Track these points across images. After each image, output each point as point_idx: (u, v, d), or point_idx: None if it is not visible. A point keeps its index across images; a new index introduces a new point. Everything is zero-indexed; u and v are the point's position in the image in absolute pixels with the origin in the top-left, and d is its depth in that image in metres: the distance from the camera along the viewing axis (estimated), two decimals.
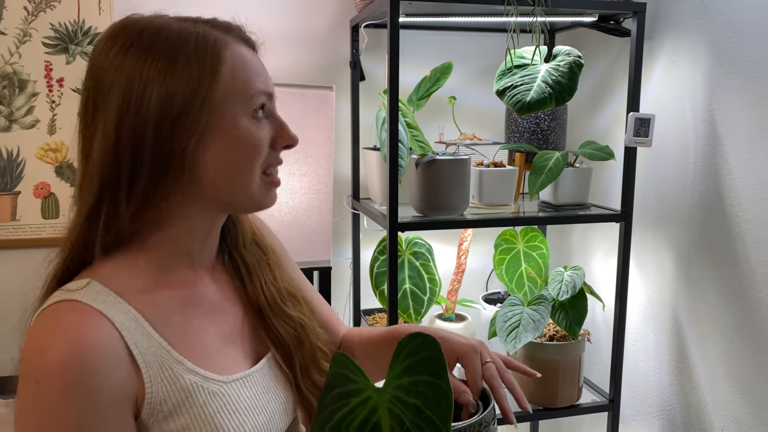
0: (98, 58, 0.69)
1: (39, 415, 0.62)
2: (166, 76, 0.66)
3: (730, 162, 1.40)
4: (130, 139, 0.66)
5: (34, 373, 0.63)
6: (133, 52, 0.67)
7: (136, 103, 0.66)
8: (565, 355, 1.59)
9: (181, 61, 0.67)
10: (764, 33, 1.30)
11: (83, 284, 0.68)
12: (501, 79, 1.55)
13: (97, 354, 0.63)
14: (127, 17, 0.71)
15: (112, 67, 0.67)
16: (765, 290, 1.32)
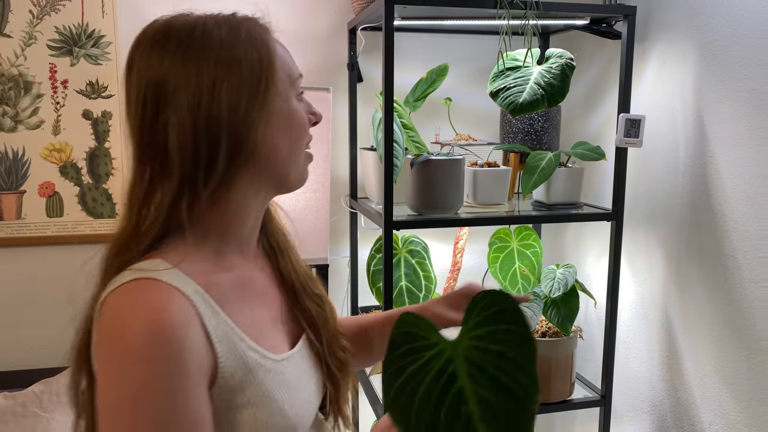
0: (150, 62, 0.71)
1: (129, 390, 0.63)
2: (231, 71, 0.72)
3: (718, 162, 1.43)
4: (205, 133, 0.70)
5: (119, 350, 0.64)
6: (193, 53, 0.71)
7: (207, 99, 0.70)
8: (557, 351, 1.63)
9: (240, 55, 0.73)
10: (750, 35, 1.33)
11: (156, 264, 0.70)
12: (494, 81, 1.59)
13: (180, 329, 0.65)
14: (163, 22, 0.75)
15: (173, 69, 0.70)
16: (750, 287, 1.35)
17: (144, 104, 0.71)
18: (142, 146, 0.72)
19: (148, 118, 0.71)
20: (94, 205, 1.77)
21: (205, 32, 0.72)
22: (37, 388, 1.54)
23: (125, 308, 0.66)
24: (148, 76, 0.71)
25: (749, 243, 1.35)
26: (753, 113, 1.33)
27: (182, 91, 0.70)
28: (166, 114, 0.70)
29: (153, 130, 0.71)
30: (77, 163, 1.74)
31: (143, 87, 0.71)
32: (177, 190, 0.71)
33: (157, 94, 0.70)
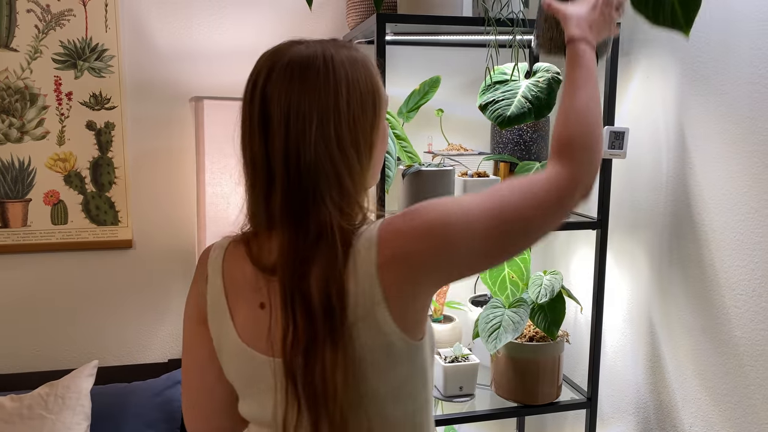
0: (306, 86, 0.80)
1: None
2: (373, 88, 0.85)
3: (698, 174, 1.49)
4: (354, 140, 0.83)
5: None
6: (342, 76, 0.82)
7: (357, 112, 0.83)
8: (544, 355, 1.68)
9: (372, 76, 0.86)
10: (728, 53, 1.39)
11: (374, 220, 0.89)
12: (484, 94, 1.64)
13: None
14: (301, 56, 0.83)
15: (332, 90, 0.81)
16: (727, 294, 1.41)
17: (286, 126, 0.80)
18: (286, 171, 0.81)
19: (294, 138, 0.80)
20: (98, 213, 1.83)
21: (342, 61, 0.83)
22: (43, 391, 1.60)
23: (417, 213, 0.84)
24: (289, 103, 0.80)
25: (726, 252, 1.41)
26: (730, 128, 1.39)
27: (325, 115, 0.80)
28: (311, 135, 0.80)
29: (298, 149, 0.80)
30: (81, 172, 1.80)
31: (284, 113, 0.80)
32: (332, 205, 0.83)
33: (300, 118, 0.80)
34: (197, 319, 0.91)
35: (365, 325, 0.80)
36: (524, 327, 1.63)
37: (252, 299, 0.85)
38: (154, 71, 1.83)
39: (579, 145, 0.90)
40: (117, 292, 1.89)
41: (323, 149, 0.80)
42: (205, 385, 0.92)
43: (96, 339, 1.89)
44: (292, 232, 0.80)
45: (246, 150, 0.84)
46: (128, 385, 1.74)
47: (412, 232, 0.79)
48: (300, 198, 0.80)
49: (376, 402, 0.83)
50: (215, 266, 0.89)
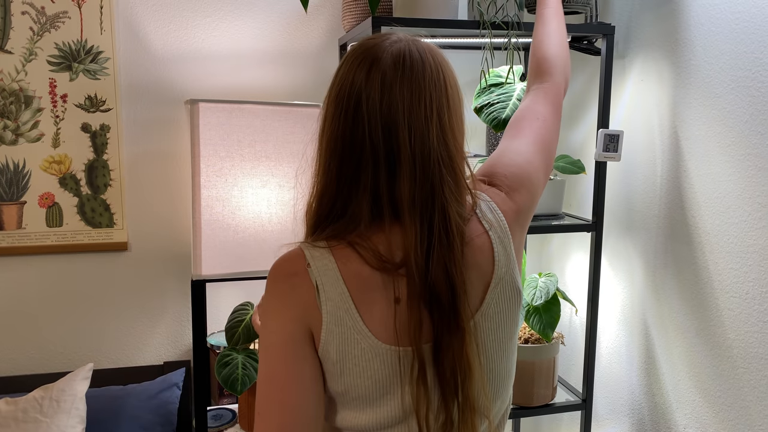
0: (424, 82, 0.85)
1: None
2: (456, 79, 0.91)
3: (692, 177, 1.49)
4: (460, 130, 0.90)
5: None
6: (448, 71, 0.89)
7: (457, 103, 0.89)
8: (539, 357, 1.69)
9: (452, 67, 0.92)
10: (721, 56, 1.39)
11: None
12: (479, 97, 1.65)
13: None
14: (411, 51, 0.86)
15: (443, 84, 0.86)
16: (722, 297, 1.42)
17: (411, 122, 0.84)
18: (412, 150, 0.84)
19: (419, 130, 0.84)
20: (93, 215, 1.82)
21: (439, 65, 0.88)
22: (38, 394, 1.60)
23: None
24: (409, 105, 0.84)
25: (720, 254, 1.42)
26: (723, 131, 1.39)
27: (440, 111, 0.85)
28: (431, 127, 0.84)
29: (425, 137, 0.84)
30: (76, 174, 1.80)
31: (406, 113, 0.84)
32: (450, 191, 0.87)
33: (421, 114, 0.84)
34: (300, 336, 0.83)
35: (505, 283, 0.88)
36: (520, 329, 1.63)
37: (384, 297, 0.82)
38: (150, 73, 1.83)
39: (558, 58, 1.15)
40: (112, 294, 1.88)
41: (442, 140, 0.84)
42: (312, 413, 0.83)
43: (92, 342, 1.89)
44: (419, 224, 0.81)
45: (354, 144, 0.83)
46: (124, 388, 1.74)
47: (511, 192, 0.93)
48: (426, 188, 0.82)
49: (505, 364, 0.91)
50: (328, 273, 0.82)
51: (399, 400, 0.83)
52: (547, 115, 1.06)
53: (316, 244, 0.84)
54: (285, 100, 1.80)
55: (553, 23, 1.22)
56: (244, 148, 1.54)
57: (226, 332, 1.65)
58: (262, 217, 1.58)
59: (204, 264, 1.53)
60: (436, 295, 0.81)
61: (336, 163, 0.83)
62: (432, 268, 0.80)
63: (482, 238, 0.88)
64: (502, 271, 0.88)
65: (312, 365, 0.83)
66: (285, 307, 0.84)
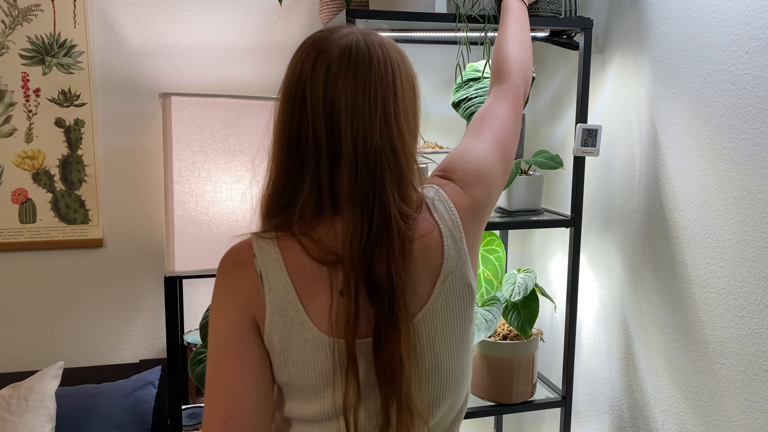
0: (369, 74, 0.83)
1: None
2: (413, 72, 0.90)
3: (670, 172, 1.48)
4: (408, 124, 0.89)
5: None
6: (396, 63, 0.86)
7: (409, 96, 0.88)
8: (518, 353, 1.67)
9: (409, 61, 0.91)
10: (698, 50, 1.38)
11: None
12: (457, 92, 1.64)
13: None
14: (358, 43, 0.84)
15: (391, 77, 0.85)
16: (698, 293, 1.41)
17: (354, 114, 0.83)
18: (355, 153, 0.83)
19: (361, 124, 0.83)
20: (67, 212, 1.80)
21: (389, 56, 0.86)
22: (6, 393, 1.58)
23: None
24: (354, 94, 0.82)
25: (697, 249, 1.41)
26: (700, 125, 1.38)
27: (387, 100, 0.83)
28: (375, 119, 0.83)
29: (366, 132, 0.83)
30: (50, 170, 1.77)
31: (350, 103, 0.83)
32: (390, 184, 0.86)
33: (365, 106, 0.83)
34: (245, 325, 0.83)
35: (455, 278, 0.87)
36: (497, 325, 1.62)
37: (328, 288, 0.82)
38: (125, 67, 1.80)
39: (516, 60, 1.17)
40: (88, 292, 1.86)
41: (386, 134, 0.82)
42: (257, 403, 0.83)
43: (66, 340, 1.86)
44: (358, 217, 0.81)
45: (300, 136, 0.83)
46: (97, 386, 1.71)
47: (467, 186, 0.93)
48: (366, 182, 0.81)
49: (456, 363, 0.89)
50: (272, 263, 0.83)
51: (340, 394, 0.82)
52: (506, 114, 1.07)
53: (264, 235, 0.85)
54: (263, 95, 1.78)
55: (513, 27, 1.25)
56: (218, 142, 1.52)
57: (200, 329, 1.62)
58: (236, 213, 1.56)
59: (177, 260, 1.51)
60: (377, 289, 0.80)
61: (284, 155, 0.84)
62: (372, 263, 0.80)
63: (433, 232, 0.87)
64: (451, 266, 0.87)
65: (258, 355, 0.83)
66: (231, 296, 0.84)
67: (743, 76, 1.27)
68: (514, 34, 1.23)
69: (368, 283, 0.80)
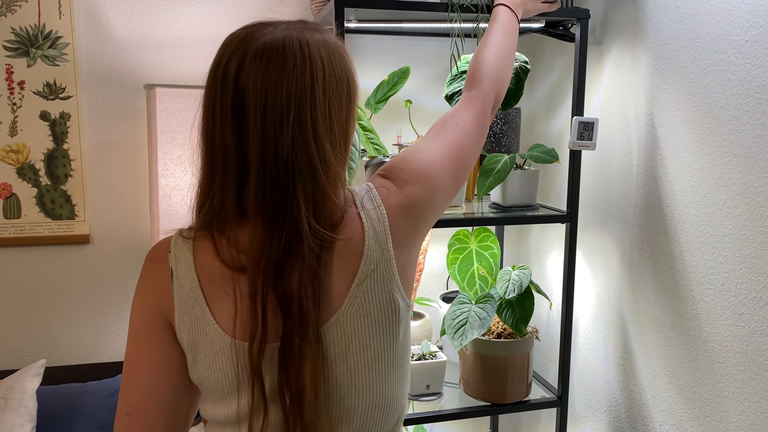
0: (283, 74, 0.77)
1: None
2: (347, 74, 0.84)
3: (668, 165, 1.44)
4: (329, 132, 0.81)
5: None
6: (318, 63, 0.79)
7: (333, 101, 0.80)
8: (512, 352, 1.63)
9: (346, 62, 0.84)
10: (696, 39, 1.34)
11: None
12: (450, 84, 1.59)
13: None
14: (275, 40, 0.78)
15: (309, 78, 0.78)
16: (697, 290, 1.37)
17: (263, 112, 0.77)
18: (261, 161, 0.78)
19: (271, 124, 0.77)
20: (53, 207, 1.76)
21: (308, 52, 0.79)
22: None
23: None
24: (266, 90, 0.77)
25: (696, 246, 1.37)
26: (699, 117, 1.35)
27: (306, 98, 0.77)
28: (289, 120, 0.77)
29: (276, 137, 0.77)
30: (35, 164, 1.74)
31: (261, 101, 0.76)
32: (305, 198, 0.80)
33: (278, 104, 0.77)
34: (156, 322, 0.82)
35: (374, 280, 0.81)
36: (491, 323, 1.58)
37: (237, 292, 0.80)
38: (112, 59, 1.77)
39: (492, 69, 1.13)
40: (74, 288, 1.82)
41: (300, 141, 0.77)
42: (161, 399, 0.82)
43: (53, 338, 1.82)
44: (266, 229, 0.77)
45: (214, 140, 0.78)
46: (82, 385, 1.67)
47: (404, 185, 0.87)
48: (275, 193, 0.77)
49: (375, 378, 0.84)
50: (183, 261, 0.81)
51: (246, 399, 0.80)
52: (467, 122, 1.02)
53: (184, 233, 0.83)
54: None
55: (496, 36, 1.20)
56: None
57: None
58: None
59: None
60: (286, 300, 0.77)
61: (203, 157, 0.81)
62: (282, 274, 0.77)
63: (356, 232, 0.82)
64: (370, 267, 0.82)
65: (169, 353, 0.82)
66: (146, 291, 0.84)
67: (743, 66, 1.23)
68: (496, 44, 1.18)
69: (277, 293, 0.77)
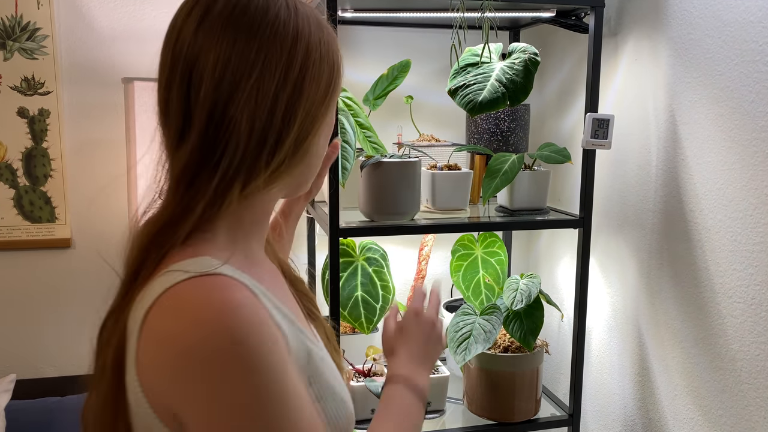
0: (224, 40, 0.65)
1: (261, 397, 0.59)
2: (334, 60, 0.71)
3: (690, 166, 1.32)
4: (281, 118, 0.66)
5: (220, 363, 0.58)
6: (304, 33, 0.68)
7: (292, 86, 0.67)
8: (520, 367, 1.52)
9: (336, 47, 0.72)
10: (725, 28, 1.22)
11: (206, 261, 0.64)
12: (455, 78, 1.48)
13: (266, 323, 0.62)
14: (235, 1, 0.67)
15: (261, 51, 0.66)
16: (723, 303, 1.24)
17: (221, 78, 0.64)
18: (207, 122, 0.65)
19: (224, 92, 0.64)
20: (32, 209, 1.66)
21: (294, 18, 0.68)
22: None
23: (206, 311, 0.59)
24: (228, 52, 0.65)
25: (722, 254, 1.24)
26: (728, 113, 1.22)
27: (268, 71, 0.65)
28: (244, 92, 0.64)
29: (226, 106, 0.64)
30: (12, 164, 1.64)
31: (220, 62, 0.64)
32: (236, 168, 0.65)
33: (237, 70, 0.64)
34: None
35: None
36: (496, 336, 1.46)
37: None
38: (94, 53, 1.66)
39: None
40: (55, 296, 1.72)
41: (251, 105, 0.64)
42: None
43: (32, 348, 1.72)
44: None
45: (163, 108, 0.68)
46: (60, 400, 1.57)
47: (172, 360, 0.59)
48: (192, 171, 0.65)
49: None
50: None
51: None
52: None
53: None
54: None
55: (385, 427, 0.80)
56: None
57: None
58: None
59: None
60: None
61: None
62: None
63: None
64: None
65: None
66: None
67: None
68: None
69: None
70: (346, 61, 1.80)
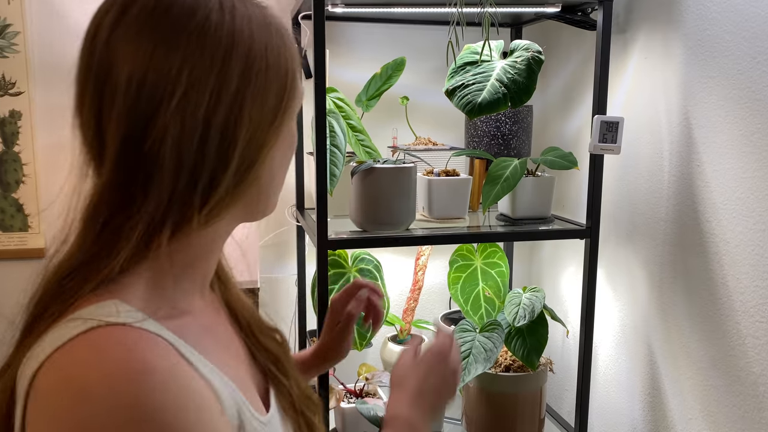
0: (141, 46, 0.53)
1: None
2: (286, 66, 0.59)
3: (707, 172, 1.22)
4: (216, 145, 0.54)
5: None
6: (212, 44, 0.54)
7: (226, 106, 0.55)
8: (523, 388, 1.42)
9: (287, 51, 0.59)
10: (743, 24, 1.12)
11: (116, 307, 0.52)
12: (453, 77, 1.39)
13: (186, 383, 0.51)
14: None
15: (187, 62, 0.54)
16: (744, 322, 1.14)
17: (136, 99, 0.53)
18: (122, 151, 0.54)
19: (141, 116, 0.53)
20: (3, 217, 1.57)
21: (230, 20, 0.55)
22: None
23: (104, 377, 0.47)
24: (145, 65, 0.53)
25: (743, 268, 1.14)
26: (748, 115, 1.12)
27: (195, 90, 0.53)
28: (166, 116, 0.52)
29: (144, 133, 0.53)
30: None
31: (135, 78, 0.53)
32: (164, 211, 0.54)
33: (157, 89, 0.53)
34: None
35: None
36: (498, 355, 1.37)
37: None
38: (68, 51, 1.55)
39: None
40: None
41: (176, 133, 0.52)
42: None
43: None
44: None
45: (77, 122, 0.58)
46: None
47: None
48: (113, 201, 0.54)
49: None
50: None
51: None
52: None
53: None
54: None
55: None
56: None
57: None
58: None
59: None
60: None
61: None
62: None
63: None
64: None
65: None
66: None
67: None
68: None
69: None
70: (337, 59, 1.72)
